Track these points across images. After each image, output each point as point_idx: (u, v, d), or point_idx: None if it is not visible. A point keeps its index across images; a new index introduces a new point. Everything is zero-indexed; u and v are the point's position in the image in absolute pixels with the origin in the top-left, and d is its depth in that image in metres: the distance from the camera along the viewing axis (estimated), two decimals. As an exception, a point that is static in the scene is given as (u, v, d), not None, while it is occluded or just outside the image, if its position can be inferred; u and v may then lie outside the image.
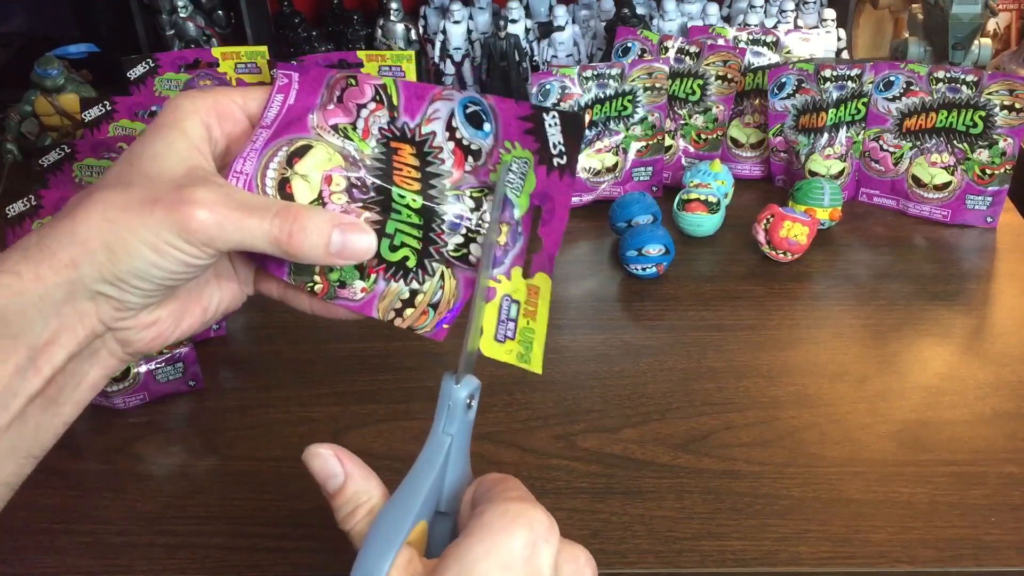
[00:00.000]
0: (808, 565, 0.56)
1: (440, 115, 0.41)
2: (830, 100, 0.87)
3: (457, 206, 0.42)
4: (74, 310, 0.38)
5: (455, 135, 0.42)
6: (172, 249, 0.37)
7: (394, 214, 0.42)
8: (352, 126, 0.42)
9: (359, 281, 0.43)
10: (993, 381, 0.67)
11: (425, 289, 0.43)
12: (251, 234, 0.38)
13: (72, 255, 0.37)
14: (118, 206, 0.37)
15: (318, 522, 0.60)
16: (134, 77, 0.86)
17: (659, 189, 0.92)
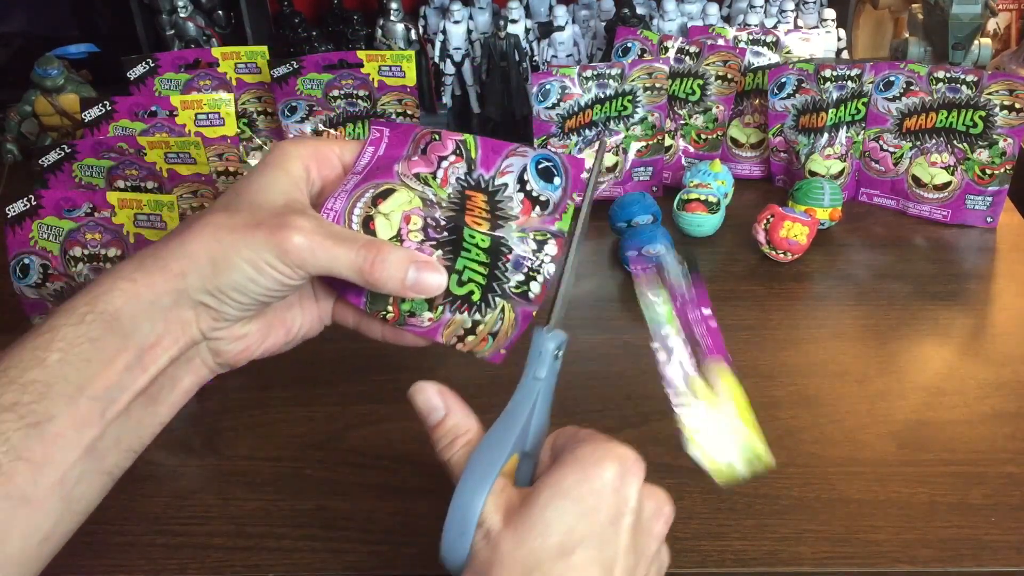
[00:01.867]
0: (808, 565, 0.56)
1: (513, 169, 0.46)
2: (830, 100, 0.87)
3: (521, 247, 0.47)
4: (178, 317, 0.43)
5: (526, 187, 0.46)
6: (269, 268, 0.42)
7: (464, 252, 0.46)
8: (432, 175, 0.46)
9: (427, 312, 0.47)
10: (993, 381, 0.67)
11: (486, 320, 0.47)
12: (338, 261, 0.43)
13: (182, 267, 0.42)
14: (225, 227, 0.42)
15: (318, 522, 0.60)
16: (134, 77, 0.86)
17: (659, 189, 0.92)
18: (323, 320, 0.51)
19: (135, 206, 0.67)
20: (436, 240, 0.46)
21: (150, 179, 0.74)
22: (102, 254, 0.68)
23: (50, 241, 0.68)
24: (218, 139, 0.80)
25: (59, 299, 0.68)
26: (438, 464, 0.63)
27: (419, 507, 0.60)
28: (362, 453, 0.65)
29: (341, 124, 0.87)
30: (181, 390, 0.46)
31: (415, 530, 0.58)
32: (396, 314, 0.47)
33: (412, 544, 0.58)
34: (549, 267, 0.47)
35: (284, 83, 0.85)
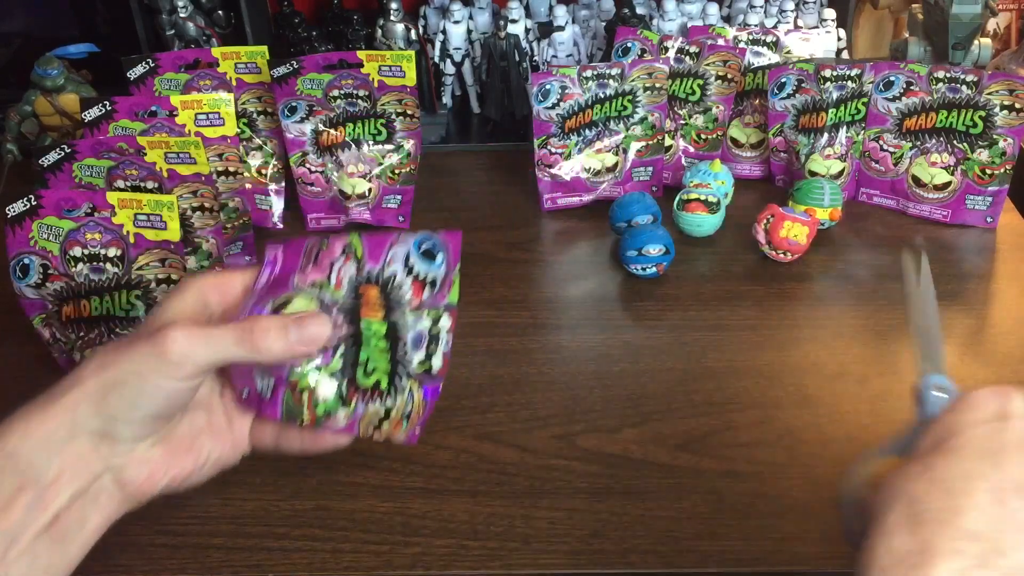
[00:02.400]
0: (808, 565, 0.56)
1: (398, 257, 0.49)
2: (830, 100, 0.87)
3: (418, 325, 0.49)
4: (75, 450, 0.43)
5: (412, 271, 0.49)
6: (153, 374, 0.43)
7: (364, 345, 0.48)
8: (327, 280, 0.49)
9: (342, 409, 0.49)
10: (993, 381, 0.67)
11: (397, 405, 0.49)
12: (221, 344, 0.44)
13: (73, 398, 0.43)
14: (109, 352, 0.44)
15: (318, 522, 0.60)
16: (134, 77, 0.86)
17: (659, 189, 0.92)
18: (238, 447, 0.51)
19: (135, 206, 0.67)
20: (338, 338, 0.48)
21: (150, 179, 0.74)
22: (102, 254, 0.68)
23: (50, 241, 0.68)
24: (218, 139, 0.80)
25: (59, 299, 0.68)
26: (438, 464, 0.64)
27: (419, 507, 0.60)
28: (362, 453, 0.65)
29: (341, 124, 0.87)
30: (90, 529, 0.46)
31: (415, 530, 0.58)
32: (312, 418, 0.49)
33: (412, 544, 0.58)
34: (446, 339, 0.49)
35: (284, 83, 0.85)
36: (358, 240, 0.49)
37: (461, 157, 1.03)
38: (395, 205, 0.89)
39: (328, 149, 0.87)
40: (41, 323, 0.69)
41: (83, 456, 0.44)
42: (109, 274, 0.68)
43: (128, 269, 0.68)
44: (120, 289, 0.68)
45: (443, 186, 0.97)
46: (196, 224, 0.75)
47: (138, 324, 0.68)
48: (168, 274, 0.68)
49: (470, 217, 0.92)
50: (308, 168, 0.88)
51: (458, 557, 0.57)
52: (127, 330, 0.68)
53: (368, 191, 0.87)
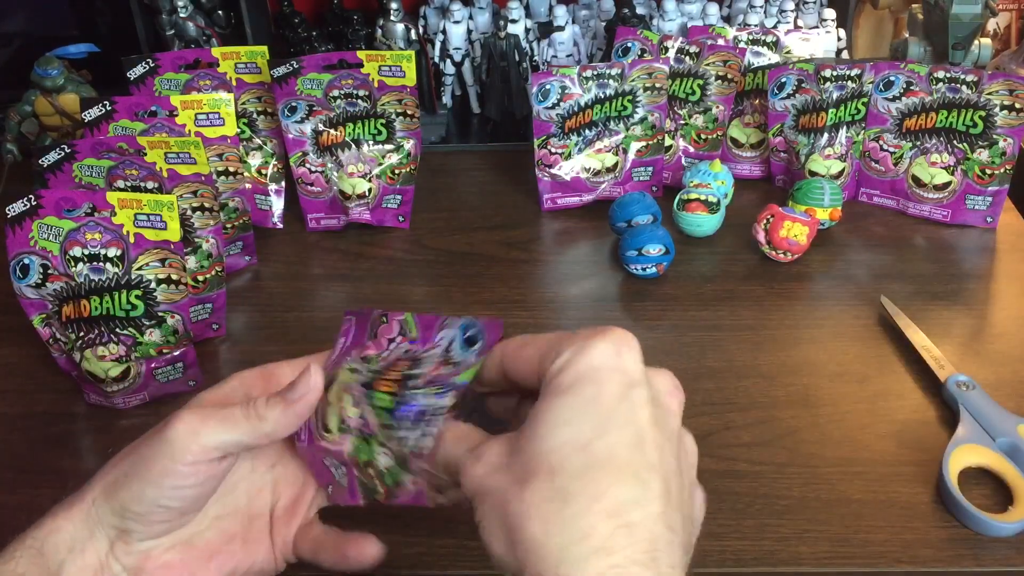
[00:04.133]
0: (808, 565, 0.56)
1: (444, 341, 0.47)
2: (830, 100, 0.87)
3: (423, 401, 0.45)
4: (94, 548, 0.43)
5: (449, 355, 0.47)
6: (158, 459, 0.43)
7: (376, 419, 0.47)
8: (379, 356, 0.48)
9: (406, 475, 0.47)
10: (993, 381, 0.67)
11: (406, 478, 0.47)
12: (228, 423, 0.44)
13: (91, 494, 0.44)
14: (132, 445, 0.45)
15: (318, 522, 0.60)
16: (134, 77, 0.86)
17: (659, 189, 0.92)
18: (282, 558, 0.49)
19: (135, 206, 0.67)
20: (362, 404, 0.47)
21: (150, 179, 0.74)
22: (102, 254, 0.68)
23: (50, 241, 0.68)
24: (218, 139, 0.80)
25: (59, 299, 0.68)
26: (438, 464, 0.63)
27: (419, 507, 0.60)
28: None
29: (341, 124, 0.87)
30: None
31: (415, 530, 0.58)
32: (385, 490, 0.48)
33: (412, 544, 0.58)
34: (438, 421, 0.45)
35: (284, 83, 0.85)
36: (412, 320, 0.48)
37: (461, 157, 1.03)
38: (395, 205, 0.89)
39: (328, 149, 0.87)
40: (41, 323, 0.69)
41: (101, 556, 0.43)
42: (109, 274, 0.68)
43: (128, 269, 0.68)
44: (120, 289, 0.68)
45: (443, 186, 0.97)
46: (196, 224, 0.75)
47: (137, 323, 0.68)
48: (168, 274, 0.68)
49: (470, 217, 0.92)
50: (308, 168, 0.88)
51: (458, 557, 0.57)
52: (127, 330, 0.68)
53: (368, 191, 0.87)
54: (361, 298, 0.81)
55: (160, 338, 0.69)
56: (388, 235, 0.89)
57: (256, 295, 0.83)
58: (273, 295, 0.82)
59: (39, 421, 0.69)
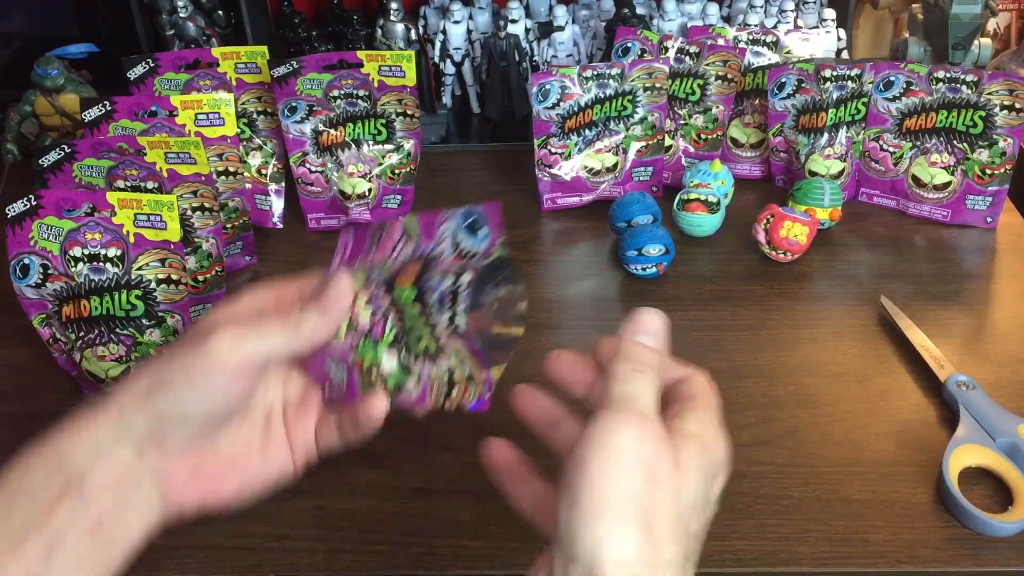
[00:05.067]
0: (808, 565, 0.56)
1: (449, 232, 0.48)
2: (830, 100, 0.87)
3: (441, 286, 0.49)
4: (120, 454, 0.43)
5: (459, 247, 0.48)
6: (200, 373, 0.43)
7: (404, 313, 0.49)
8: (387, 259, 0.49)
9: (409, 379, 0.50)
10: (993, 381, 0.67)
11: (452, 364, 0.49)
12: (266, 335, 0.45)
13: (121, 400, 0.43)
14: (157, 356, 0.45)
15: (318, 522, 0.60)
16: (134, 77, 0.86)
17: (659, 189, 0.92)
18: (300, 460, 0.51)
19: (135, 206, 0.67)
20: (381, 307, 0.49)
21: (150, 179, 0.74)
22: (102, 254, 0.68)
23: (50, 241, 0.68)
24: (218, 139, 0.80)
25: (59, 299, 0.68)
26: (438, 464, 0.63)
27: (419, 507, 0.60)
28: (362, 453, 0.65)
29: (341, 124, 0.87)
30: (132, 535, 0.44)
31: (415, 530, 0.58)
32: (387, 394, 0.50)
33: (412, 544, 0.58)
34: (467, 294, 0.48)
35: (284, 83, 0.85)
36: (413, 221, 0.49)
37: (461, 157, 1.03)
38: (395, 205, 0.89)
39: (328, 149, 0.87)
40: (41, 323, 0.69)
41: (127, 462, 0.43)
42: (109, 274, 0.68)
43: (128, 269, 0.68)
44: (120, 289, 0.68)
45: (443, 186, 0.97)
46: (196, 224, 0.75)
47: (137, 323, 0.68)
48: (168, 274, 0.68)
49: (470, 217, 0.92)
50: (308, 168, 0.88)
51: (458, 557, 0.57)
52: (127, 330, 0.68)
53: (368, 191, 0.87)
54: (361, 298, 0.81)
55: (160, 338, 0.69)
56: (388, 235, 0.89)
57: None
58: (273, 295, 0.82)
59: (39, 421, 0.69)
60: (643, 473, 0.34)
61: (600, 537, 0.33)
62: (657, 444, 0.35)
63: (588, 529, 0.33)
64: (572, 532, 0.33)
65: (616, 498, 0.33)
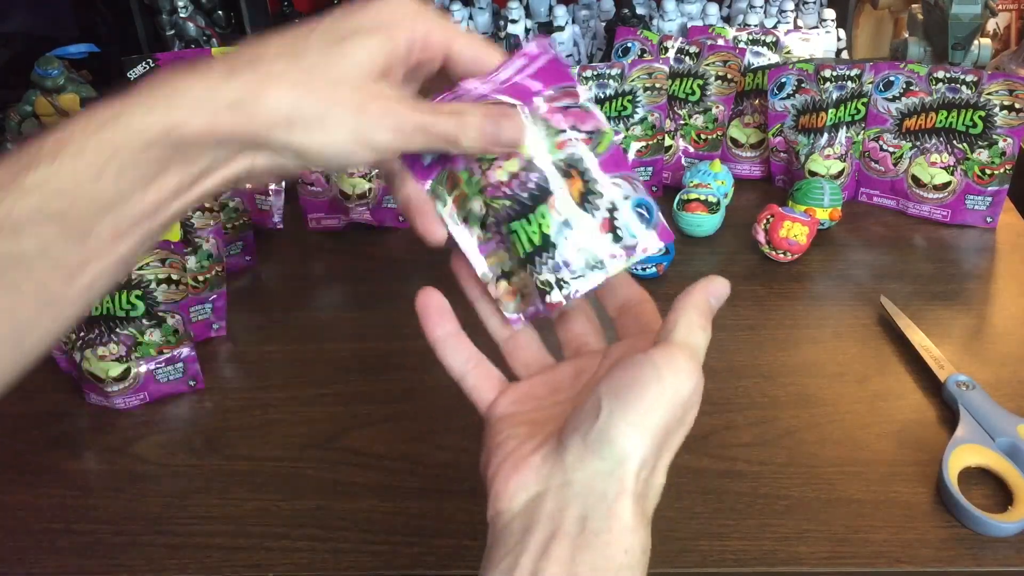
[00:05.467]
0: (808, 565, 0.56)
1: (619, 191, 0.44)
2: (830, 100, 0.87)
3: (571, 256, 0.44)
4: (241, 155, 0.39)
5: (614, 214, 0.44)
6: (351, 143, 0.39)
7: (525, 222, 0.44)
8: (559, 131, 0.43)
9: (478, 230, 0.44)
10: (993, 381, 0.67)
11: (520, 276, 0.45)
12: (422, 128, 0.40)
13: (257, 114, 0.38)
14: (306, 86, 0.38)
15: (318, 522, 0.60)
16: (134, 77, 0.86)
17: (659, 189, 0.92)
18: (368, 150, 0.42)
19: (135, 206, 0.67)
20: (513, 192, 0.43)
21: (150, 179, 0.74)
22: (102, 254, 0.68)
23: (50, 241, 0.68)
24: (218, 139, 0.80)
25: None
26: (438, 464, 0.64)
27: (419, 507, 0.60)
28: (362, 453, 0.65)
29: (341, 124, 0.86)
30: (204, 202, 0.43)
31: (415, 530, 0.58)
32: (454, 209, 0.44)
33: (412, 544, 0.58)
34: (576, 287, 0.44)
35: (284, 83, 0.85)
36: (608, 139, 0.44)
37: (461, 157, 1.02)
38: (395, 205, 0.89)
39: (328, 149, 0.87)
40: (41, 323, 0.69)
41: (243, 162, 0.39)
42: (109, 274, 0.68)
43: (128, 269, 0.68)
44: (120, 289, 0.68)
45: (443, 186, 0.97)
46: (196, 224, 0.75)
47: (137, 323, 0.68)
48: (168, 274, 0.68)
49: (470, 217, 0.92)
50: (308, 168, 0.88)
51: (458, 557, 0.57)
52: (127, 330, 0.68)
53: (368, 191, 0.87)
54: (361, 298, 0.81)
55: (160, 338, 0.69)
56: (388, 235, 0.89)
57: (256, 295, 0.83)
58: (273, 295, 0.82)
59: (39, 421, 0.69)
60: (680, 413, 0.40)
61: (634, 444, 0.38)
62: (698, 396, 0.41)
63: (626, 437, 0.38)
64: (610, 432, 0.38)
65: (657, 423, 0.38)
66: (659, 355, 0.40)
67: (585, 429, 0.38)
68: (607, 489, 0.38)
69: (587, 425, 0.38)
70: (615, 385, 0.39)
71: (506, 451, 0.41)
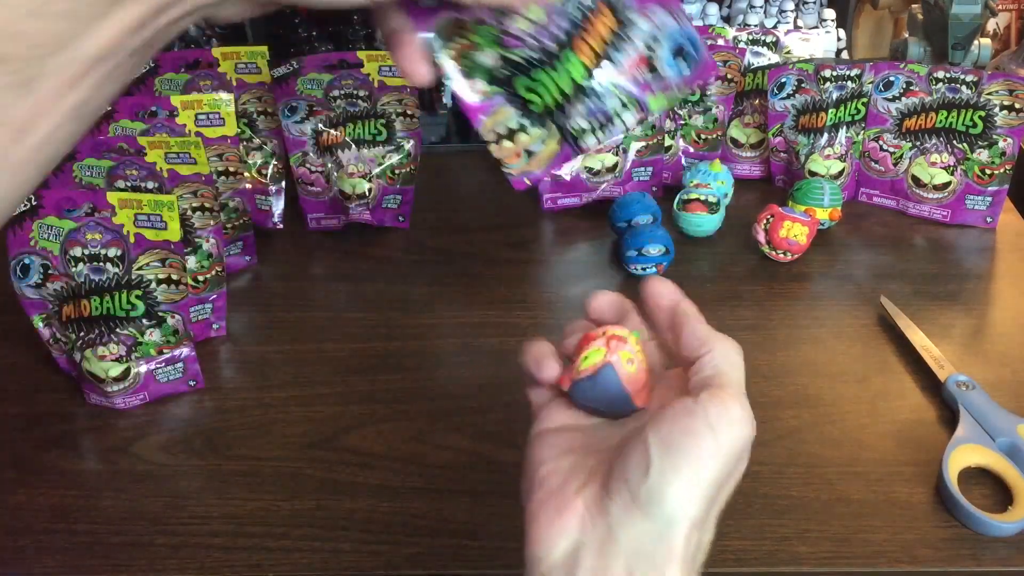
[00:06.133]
0: (808, 565, 0.56)
1: (656, 27, 0.42)
2: (830, 100, 0.87)
3: (605, 101, 0.43)
4: None
5: (653, 51, 0.42)
6: None
7: (551, 70, 0.42)
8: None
9: (484, 83, 0.42)
10: (993, 381, 0.67)
11: (531, 133, 0.43)
12: None
13: None
14: None
15: (318, 522, 0.60)
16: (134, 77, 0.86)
17: (659, 189, 0.92)
18: None
19: (135, 206, 0.67)
20: (537, 41, 0.41)
21: (150, 179, 0.74)
22: (102, 254, 0.68)
23: (50, 241, 0.68)
24: (218, 139, 0.80)
25: (59, 299, 0.68)
26: (438, 464, 0.64)
27: (419, 507, 0.60)
28: (362, 453, 0.65)
29: (341, 124, 0.87)
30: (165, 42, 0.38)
31: (415, 530, 0.58)
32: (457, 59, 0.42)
33: (412, 544, 0.58)
34: (616, 132, 0.43)
35: (284, 83, 0.85)
36: None
37: (461, 157, 1.03)
38: (395, 205, 0.89)
39: (328, 149, 0.87)
40: (41, 323, 0.69)
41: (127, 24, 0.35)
42: (109, 274, 0.68)
43: (128, 269, 0.68)
44: (120, 289, 0.68)
45: (443, 186, 0.97)
46: (196, 224, 0.75)
47: (137, 323, 0.68)
48: (168, 274, 0.68)
49: (470, 217, 0.92)
50: (308, 168, 0.88)
51: (458, 557, 0.57)
52: (127, 330, 0.68)
53: (368, 191, 0.87)
54: (361, 298, 0.81)
55: (160, 338, 0.69)
56: (388, 235, 0.89)
57: (256, 295, 0.83)
58: (273, 295, 0.83)
59: (39, 421, 0.69)
60: (732, 465, 0.38)
61: (686, 505, 0.35)
62: (747, 446, 0.40)
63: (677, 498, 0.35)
64: (661, 491, 0.35)
65: (709, 480, 0.36)
66: (711, 405, 0.39)
67: (634, 483, 0.36)
68: (655, 553, 0.35)
69: (635, 478, 0.36)
70: (665, 435, 0.36)
71: (549, 488, 0.39)
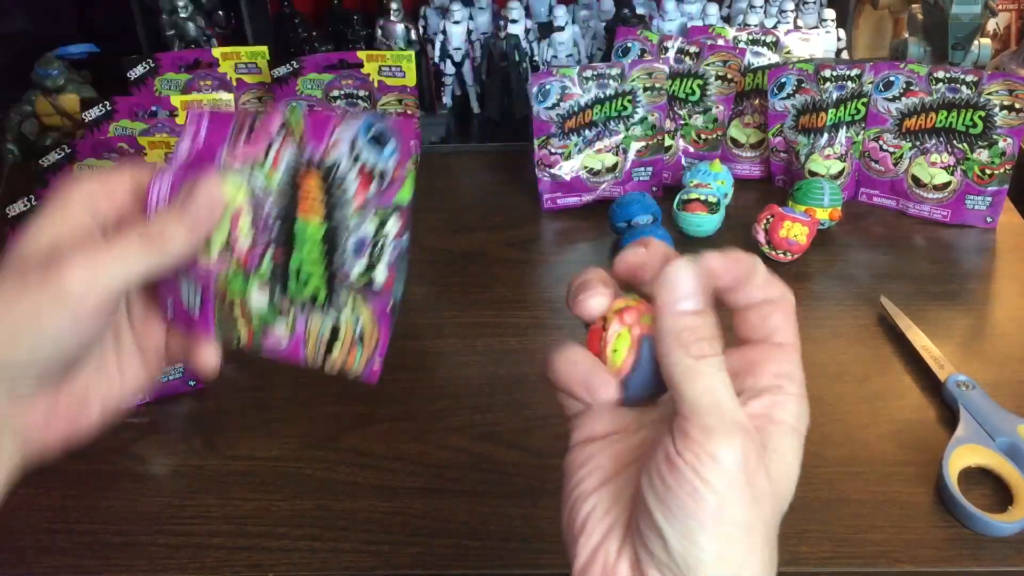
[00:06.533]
0: (808, 565, 0.56)
1: (344, 140, 0.41)
2: (830, 100, 0.87)
3: (361, 229, 0.42)
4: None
5: (359, 160, 0.41)
6: (54, 316, 0.37)
7: (297, 249, 0.41)
8: (262, 160, 0.41)
9: (280, 320, 0.42)
10: (993, 381, 0.67)
11: (343, 321, 0.42)
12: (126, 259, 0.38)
13: None
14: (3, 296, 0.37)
15: (318, 522, 0.60)
16: (134, 77, 0.86)
17: (659, 189, 0.92)
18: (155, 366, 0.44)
19: (135, 206, 0.67)
20: (267, 240, 0.41)
21: (150, 179, 0.74)
22: (102, 254, 0.68)
23: (50, 241, 0.68)
24: (218, 139, 0.80)
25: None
26: (438, 464, 0.64)
27: (419, 507, 0.60)
28: (362, 453, 0.65)
29: (341, 124, 0.87)
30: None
31: (415, 530, 0.59)
32: (249, 334, 0.42)
33: (412, 544, 0.58)
34: (393, 247, 0.42)
35: (284, 83, 0.85)
36: (298, 116, 0.41)
37: (461, 157, 1.03)
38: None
39: (328, 149, 0.87)
40: (41, 323, 0.69)
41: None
42: (109, 274, 0.68)
43: (128, 269, 0.68)
44: (120, 289, 0.68)
45: (443, 186, 0.97)
46: (196, 224, 0.74)
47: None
48: (168, 274, 0.68)
49: (470, 217, 0.92)
50: (308, 168, 0.88)
51: (458, 557, 0.57)
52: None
53: (368, 191, 0.87)
54: (361, 298, 0.81)
55: (160, 338, 0.69)
56: (388, 235, 0.89)
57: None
58: (273, 295, 0.82)
59: (39, 421, 0.69)
60: (750, 494, 0.34)
61: (703, 550, 0.33)
62: (757, 460, 0.36)
63: (696, 547, 0.32)
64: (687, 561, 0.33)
65: (731, 533, 0.33)
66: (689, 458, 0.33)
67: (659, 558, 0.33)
68: None
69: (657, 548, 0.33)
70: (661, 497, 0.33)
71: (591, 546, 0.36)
